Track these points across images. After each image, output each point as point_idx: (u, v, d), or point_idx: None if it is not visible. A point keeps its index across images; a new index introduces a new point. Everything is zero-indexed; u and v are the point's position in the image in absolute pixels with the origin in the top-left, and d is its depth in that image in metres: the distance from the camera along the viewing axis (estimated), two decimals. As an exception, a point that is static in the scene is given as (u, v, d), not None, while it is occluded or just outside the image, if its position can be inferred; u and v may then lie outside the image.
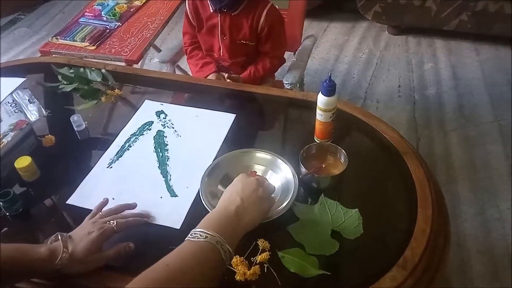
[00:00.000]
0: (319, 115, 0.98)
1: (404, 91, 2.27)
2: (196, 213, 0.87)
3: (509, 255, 1.52)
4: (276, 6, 1.40)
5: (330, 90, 0.94)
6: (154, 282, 0.58)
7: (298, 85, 1.58)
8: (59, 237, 0.75)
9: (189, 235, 0.68)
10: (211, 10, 1.36)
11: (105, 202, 0.88)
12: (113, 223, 0.80)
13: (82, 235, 0.76)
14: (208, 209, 0.83)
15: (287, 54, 1.54)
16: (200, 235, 0.66)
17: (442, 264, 0.79)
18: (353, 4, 2.60)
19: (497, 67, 2.40)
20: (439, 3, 2.39)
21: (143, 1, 1.94)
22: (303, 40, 1.69)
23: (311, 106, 1.01)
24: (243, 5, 1.34)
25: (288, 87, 1.47)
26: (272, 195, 0.83)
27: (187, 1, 1.40)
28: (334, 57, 2.57)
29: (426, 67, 2.43)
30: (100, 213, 0.85)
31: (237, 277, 0.73)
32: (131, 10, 1.89)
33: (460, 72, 2.38)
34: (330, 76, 0.93)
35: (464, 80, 2.32)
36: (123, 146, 1.06)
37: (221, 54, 1.44)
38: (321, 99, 0.95)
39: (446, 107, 2.16)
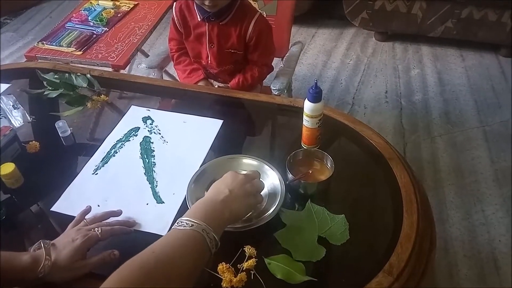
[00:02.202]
0: (306, 121, 0.98)
1: (391, 97, 2.30)
2: (182, 219, 0.86)
3: (495, 259, 1.54)
4: (264, 13, 1.40)
5: (316, 96, 0.94)
6: (140, 269, 0.59)
7: (285, 91, 1.59)
8: (42, 245, 0.74)
9: (175, 224, 0.69)
10: (199, 19, 1.36)
11: (88, 209, 0.87)
12: (98, 231, 0.79)
13: (65, 243, 0.75)
14: (194, 216, 0.82)
15: (274, 60, 1.54)
16: (186, 224, 0.68)
17: (428, 268, 0.80)
18: (341, 10, 2.63)
19: (482, 73, 2.44)
20: (425, 10, 2.42)
21: (131, 7, 1.94)
22: (291, 47, 1.70)
23: (298, 112, 1.01)
24: (231, 14, 1.33)
25: (276, 93, 1.47)
26: (261, 193, 0.84)
27: (174, 8, 1.40)
28: (322, 63, 2.58)
29: (412, 73, 2.46)
30: (85, 220, 0.84)
31: (223, 284, 0.73)
32: (118, 15, 1.88)
33: (446, 78, 2.41)
34: (316, 83, 0.94)
35: (450, 86, 2.35)
36: (108, 152, 1.05)
37: (209, 62, 1.44)
38: (308, 106, 0.96)
39: (433, 112, 2.19)
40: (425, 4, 2.40)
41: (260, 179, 0.87)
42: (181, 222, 0.69)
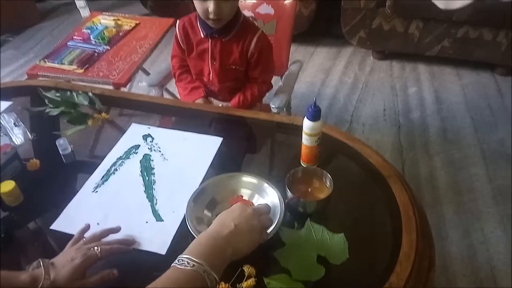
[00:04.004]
0: (305, 139, 0.99)
1: (389, 115, 2.32)
2: (181, 238, 0.86)
3: (494, 277, 1.53)
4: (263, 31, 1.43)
5: (315, 115, 0.95)
6: None
7: (284, 109, 1.60)
8: (41, 264, 0.74)
9: (176, 261, 0.67)
10: (202, 36, 1.38)
11: (87, 227, 0.87)
12: (97, 250, 0.79)
13: (65, 262, 0.75)
14: (194, 235, 0.82)
15: (274, 79, 1.56)
16: (188, 263, 0.66)
17: (427, 287, 0.80)
18: (339, 30, 2.67)
19: (478, 91, 2.47)
20: (421, 30, 2.46)
21: (132, 26, 1.97)
22: (290, 65, 1.73)
23: (297, 130, 1.02)
24: (234, 31, 1.36)
25: (275, 111, 1.49)
26: (268, 231, 0.82)
27: (177, 25, 1.42)
28: (321, 81, 2.61)
29: (410, 91, 2.49)
30: (84, 238, 0.84)
31: (223, 304, 0.72)
32: (120, 34, 1.90)
33: (443, 96, 2.44)
34: (315, 102, 0.95)
35: (447, 104, 2.38)
36: (109, 170, 1.05)
37: (211, 78, 1.46)
38: (307, 124, 0.97)
39: (430, 130, 2.21)
40: (422, 24, 2.45)
41: (269, 216, 0.84)
42: (182, 260, 0.67)
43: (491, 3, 2.20)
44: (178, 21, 1.43)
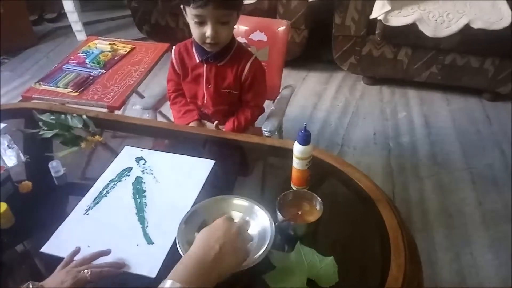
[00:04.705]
0: (296, 163, 1.01)
1: (380, 139, 2.35)
2: (172, 261, 0.85)
3: (485, 302, 1.53)
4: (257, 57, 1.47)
5: (305, 139, 0.98)
6: None
7: (276, 133, 1.63)
8: (31, 286, 0.74)
9: (162, 284, 0.67)
10: (197, 60, 1.42)
11: (77, 250, 0.87)
12: (87, 272, 0.79)
13: (55, 285, 0.75)
14: (185, 257, 0.83)
15: (266, 102, 1.59)
16: None
17: (415, 312, 0.81)
18: (330, 55, 2.73)
19: (467, 116, 2.52)
20: (410, 57, 2.53)
21: (128, 50, 2.00)
22: (282, 90, 1.76)
23: (288, 153, 1.04)
24: (229, 56, 1.40)
25: (267, 135, 1.51)
26: (248, 245, 0.83)
27: (173, 51, 1.46)
28: (313, 104, 2.65)
29: (400, 116, 2.53)
30: (74, 261, 0.84)
31: (212, 328, 0.72)
32: (116, 58, 1.94)
33: (432, 121, 2.48)
34: (305, 127, 0.98)
35: (436, 129, 2.42)
36: (101, 192, 1.06)
37: (205, 101, 1.48)
38: (297, 148, 0.99)
39: (420, 154, 2.24)
40: (410, 50, 2.51)
41: (248, 232, 0.85)
42: (167, 284, 0.66)
43: (477, 31, 2.28)
44: (174, 47, 1.46)
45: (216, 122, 1.47)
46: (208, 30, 1.25)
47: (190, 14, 1.25)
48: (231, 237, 0.77)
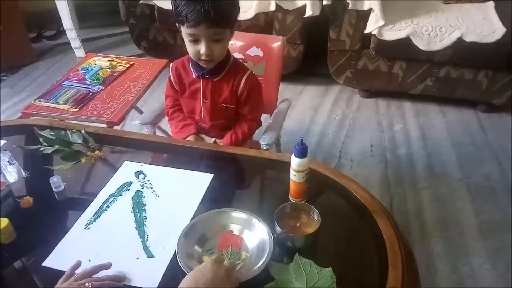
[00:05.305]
0: (293, 175, 1.03)
1: (376, 151, 2.37)
2: (172, 274, 0.87)
3: (484, 312, 1.54)
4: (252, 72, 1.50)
5: (302, 152, 1.00)
6: None
7: (274, 146, 1.64)
8: (33, 301, 0.74)
9: None
10: (194, 76, 1.44)
11: (78, 264, 0.88)
12: (88, 286, 0.80)
13: (56, 299, 0.76)
14: (185, 271, 0.84)
15: (263, 116, 1.61)
16: None
17: (413, 322, 0.81)
18: (326, 69, 2.77)
19: (462, 128, 2.55)
20: (405, 70, 2.57)
21: (126, 66, 2.03)
22: (279, 103, 1.79)
23: (286, 166, 1.06)
24: (225, 72, 1.43)
25: (265, 148, 1.53)
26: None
27: (170, 68, 1.49)
28: (310, 118, 2.68)
29: (396, 128, 2.56)
30: (75, 275, 0.85)
31: None
32: (115, 74, 1.96)
33: (428, 133, 2.51)
34: (301, 140, 1.00)
35: (432, 140, 2.44)
36: (101, 207, 1.07)
37: (202, 116, 1.51)
38: (294, 161, 1.01)
39: (417, 166, 2.26)
40: (405, 64, 2.55)
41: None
42: None
43: (470, 45, 2.32)
44: (171, 64, 1.49)
45: (214, 139, 1.49)
46: (202, 48, 1.28)
47: (184, 32, 1.29)
48: (220, 280, 0.76)
